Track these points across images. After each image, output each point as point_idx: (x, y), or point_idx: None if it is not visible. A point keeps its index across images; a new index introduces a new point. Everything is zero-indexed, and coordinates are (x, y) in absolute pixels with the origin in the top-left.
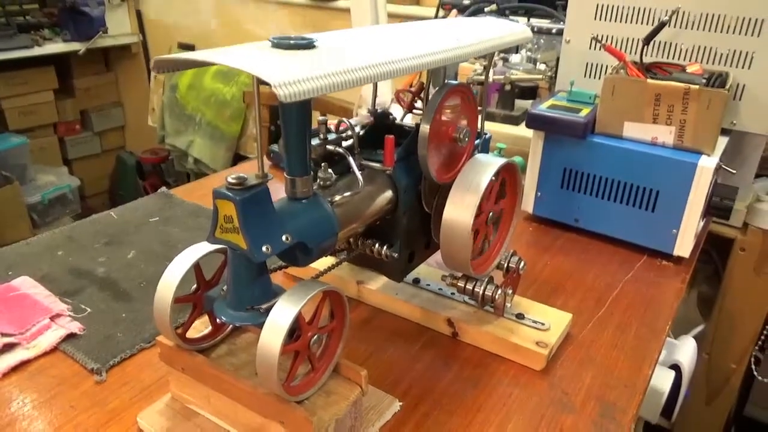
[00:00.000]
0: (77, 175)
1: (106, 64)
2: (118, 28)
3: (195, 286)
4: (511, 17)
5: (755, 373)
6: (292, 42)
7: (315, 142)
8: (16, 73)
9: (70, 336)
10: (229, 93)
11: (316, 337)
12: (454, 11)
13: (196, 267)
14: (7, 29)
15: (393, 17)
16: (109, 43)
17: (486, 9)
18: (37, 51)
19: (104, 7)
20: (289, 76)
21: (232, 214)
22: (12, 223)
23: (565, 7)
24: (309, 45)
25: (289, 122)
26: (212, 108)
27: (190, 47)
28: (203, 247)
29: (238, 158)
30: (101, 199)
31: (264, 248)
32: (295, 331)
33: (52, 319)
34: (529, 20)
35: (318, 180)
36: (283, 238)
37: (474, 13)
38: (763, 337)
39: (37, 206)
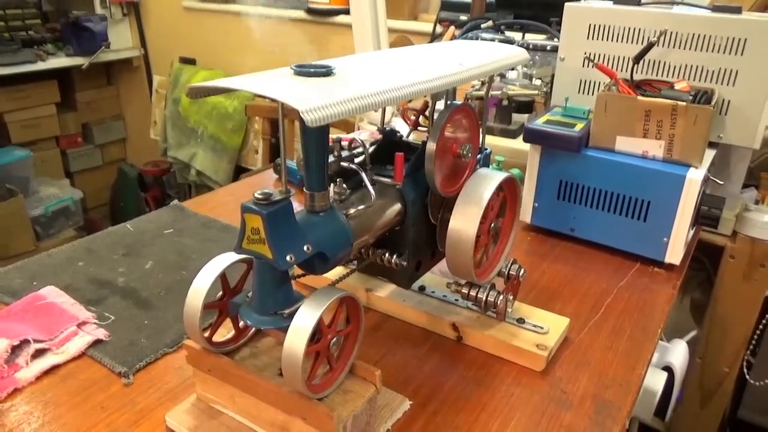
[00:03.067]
0: (79, 188)
1: (108, 77)
2: (120, 43)
3: (221, 293)
4: (506, 33)
5: (747, 377)
6: (312, 70)
7: (330, 159)
8: (19, 87)
9: (97, 342)
10: (231, 106)
11: (334, 339)
12: (452, 27)
13: (222, 276)
14: (10, 44)
15: (393, 32)
16: (111, 57)
17: (482, 25)
18: (40, 66)
19: (107, 22)
20: (314, 102)
21: (259, 226)
22: (16, 235)
23: (559, 24)
24: (328, 72)
25: (310, 143)
26: (214, 121)
27: (191, 61)
28: (229, 257)
29: (239, 170)
30: (102, 212)
31: (288, 257)
32: (316, 334)
33: (78, 326)
34: (523, 36)
35: (333, 194)
36: (305, 248)
37: (471, 29)
38: (754, 342)
39: (40, 218)
